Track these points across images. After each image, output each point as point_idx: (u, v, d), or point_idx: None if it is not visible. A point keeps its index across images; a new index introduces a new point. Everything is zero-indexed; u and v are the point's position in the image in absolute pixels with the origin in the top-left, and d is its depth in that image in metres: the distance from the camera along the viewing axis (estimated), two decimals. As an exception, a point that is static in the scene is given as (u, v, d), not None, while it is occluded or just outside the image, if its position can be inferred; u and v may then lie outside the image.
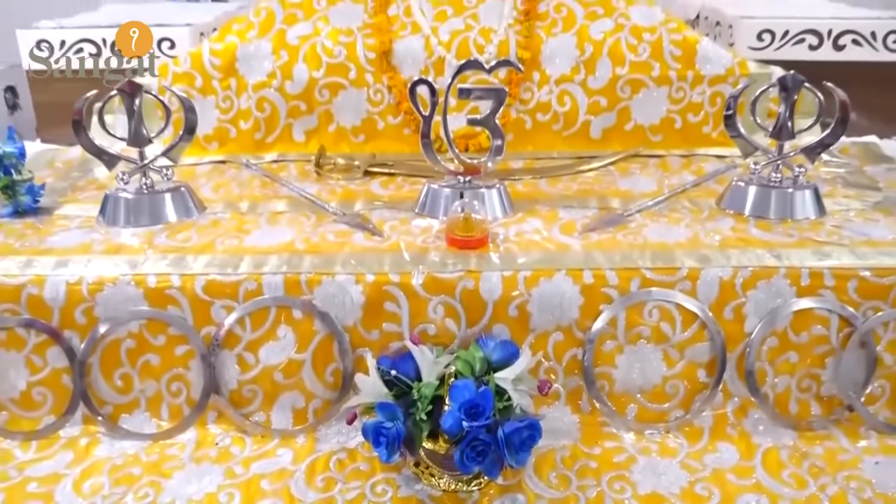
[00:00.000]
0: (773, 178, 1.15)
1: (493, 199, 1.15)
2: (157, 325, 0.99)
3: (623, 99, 1.42)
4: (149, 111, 1.20)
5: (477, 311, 0.99)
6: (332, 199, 1.22)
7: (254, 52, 1.41)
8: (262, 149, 1.44)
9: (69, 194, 1.27)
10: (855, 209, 1.16)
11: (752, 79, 1.38)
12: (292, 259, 1.01)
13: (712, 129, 1.44)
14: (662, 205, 1.17)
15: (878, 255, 1.01)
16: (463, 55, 1.39)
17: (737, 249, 1.03)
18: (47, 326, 0.99)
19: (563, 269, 0.99)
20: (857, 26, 1.54)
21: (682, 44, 1.42)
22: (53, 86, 1.56)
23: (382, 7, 1.45)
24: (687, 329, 1.00)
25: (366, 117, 1.43)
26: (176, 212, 1.15)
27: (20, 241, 1.08)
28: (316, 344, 1.00)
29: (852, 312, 0.99)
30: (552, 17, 1.44)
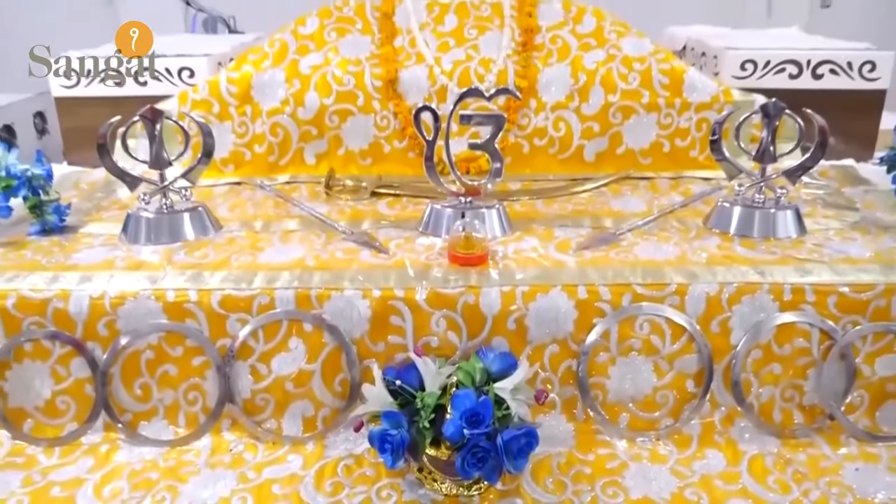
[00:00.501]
0: (756, 200, 1.15)
1: (492, 218, 1.15)
2: (175, 338, 0.99)
3: (615, 125, 1.42)
4: (169, 136, 1.20)
5: (477, 325, 0.99)
6: (341, 219, 1.22)
7: (268, 81, 1.42)
8: (276, 171, 1.44)
9: (93, 214, 1.28)
10: (834, 228, 1.16)
11: (736, 106, 1.39)
12: (303, 275, 1.01)
13: (699, 153, 1.44)
14: (652, 224, 1.18)
15: (856, 271, 1.01)
16: (464, 84, 1.40)
17: (722, 266, 1.03)
18: (71, 338, 0.99)
19: (559, 285, 0.99)
20: (834, 57, 1.54)
21: (669, 73, 1.42)
22: (80, 112, 1.57)
23: (389, 39, 1.46)
24: (676, 342, 0.99)
25: (373, 141, 1.43)
26: (194, 230, 1.15)
27: (47, 258, 1.08)
28: (325, 355, 0.99)
29: (832, 326, 0.99)
30: (548, 48, 1.45)
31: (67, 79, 1.53)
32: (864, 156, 1.54)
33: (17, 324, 0.99)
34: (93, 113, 1.51)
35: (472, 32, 1.48)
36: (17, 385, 1.01)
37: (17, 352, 1.00)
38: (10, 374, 1.01)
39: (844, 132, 1.49)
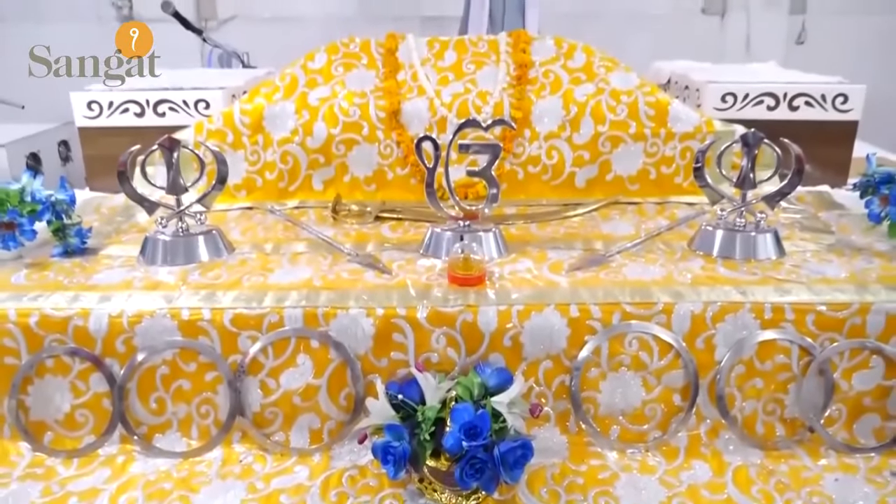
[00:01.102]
0: (737, 223, 1.15)
1: (489, 241, 1.15)
2: (188, 354, 0.99)
3: (604, 153, 1.43)
4: (186, 163, 1.21)
5: (475, 342, 0.98)
6: (347, 242, 1.22)
7: (279, 112, 1.42)
8: (285, 196, 1.44)
9: (113, 237, 1.28)
10: (811, 251, 1.16)
11: (718, 135, 1.39)
12: (311, 294, 1.01)
13: (683, 180, 1.44)
14: (640, 247, 1.17)
15: (833, 291, 1.01)
16: (463, 115, 1.40)
17: (706, 286, 1.02)
18: (90, 354, 0.99)
19: (552, 304, 0.98)
20: (809, 90, 1.55)
21: (655, 105, 1.43)
22: (101, 141, 1.57)
23: (392, 73, 1.47)
24: (663, 358, 0.99)
25: (377, 169, 1.43)
26: (208, 252, 1.15)
27: (69, 278, 1.08)
28: (331, 371, 0.99)
29: (811, 343, 0.99)
30: (541, 81, 1.46)
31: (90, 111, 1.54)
32: (838, 182, 1.54)
33: (40, 341, 0.99)
34: (114, 142, 1.52)
35: (470, 67, 1.49)
36: (39, 399, 1.00)
37: (38, 367, 0.99)
38: (31, 388, 1.00)
39: (819, 160, 1.49)
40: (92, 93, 1.56)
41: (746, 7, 3.82)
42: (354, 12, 3.83)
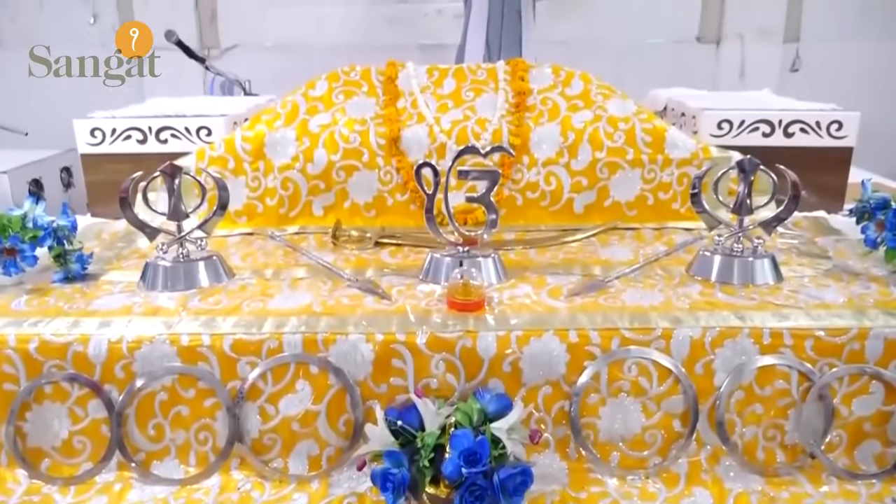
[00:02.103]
0: (735, 249, 1.15)
1: (488, 266, 1.15)
2: (188, 380, 0.98)
3: (602, 179, 1.44)
4: (187, 189, 1.21)
5: (474, 367, 0.98)
6: (347, 267, 1.22)
7: (280, 139, 1.43)
8: (286, 222, 1.44)
9: (114, 262, 1.28)
10: (808, 276, 1.16)
11: (714, 162, 1.40)
12: (310, 320, 1.01)
13: (681, 206, 1.45)
14: (638, 272, 1.17)
15: (831, 316, 1.01)
16: (462, 141, 1.41)
17: (705, 312, 1.02)
18: (89, 381, 0.98)
19: (551, 330, 0.98)
20: (803, 117, 1.56)
21: (652, 132, 1.44)
22: (104, 167, 1.58)
23: (392, 101, 1.48)
24: (662, 383, 0.99)
25: (377, 195, 1.44)
26: (208, 278, 1.15)
27: (69, 304, 1.08)
28: (330, 397, 0.98)
29: (810, 368, 0.98)
30: (539, 109, 1.47)
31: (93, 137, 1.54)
32: (834, 208, 1.55)
33: (39, 367, 0.98)
34: (116, 168, 1.53)
35: (469, 95, 1.50)
36: (37, 425, 0.99)
37: (37, 393, 0.99)
38: (30, 415, 0.99)
39: (815, 186, 1.50)
40: (95, 120, 1.57)
41: (741, 36, 3.87)
42: (354, 41, 3.87)
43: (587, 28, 3.76)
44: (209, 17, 3.92)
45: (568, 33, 3.69)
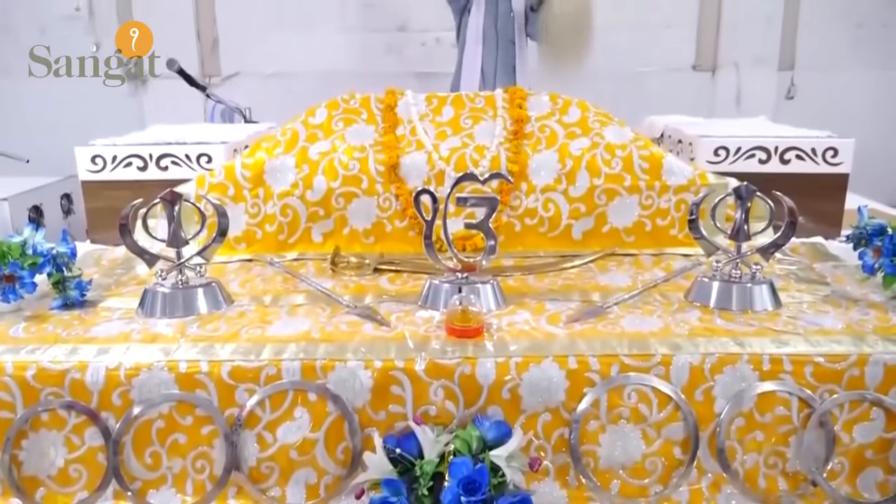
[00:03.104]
0: (733, 275, 1.16)
1: (487, 293, 1.15)
2: (185, 407, 0.98)
3: (600, 205, 1.44)
4: (187, 216, 1.22)
5: (473, 394, 0.97)
6: (345, 293, 1.22)
7: (279, 166, 1.44)
8: (285, 249, 1.45)
9: (113, 289, 1.28)
10: (807, 302, 1.17)
11: (711, 188, 1.41)
12: (309, 347, 1.01)
13: (678, 232, 1.45)
14: (637, 298, 1.18)
15: (830, 342, 1.01)
16: (460, 168, 1.42)
17: (704, 338, 1.02)
18: (86, 408, 0.97)
19: (550, 356, 0.98)
20: (799, 143, 1.58)
21: (649, 158, 1.45)
22: (104, 194, 1.59)
23: (391, 128, 1.49)
24: (662, 410, 0.98)
25: (376, 221, 1.45)
26: (207, 304, 1.15)
27: (67, 331, 1.07)
28: (328, 424, 0.98)
29: (810, 395, 0.98)
30: (537, 136, 1.49)
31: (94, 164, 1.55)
32: (831, 234, 1.56)
33: (36, 394, 0.98)
34: (116, 195, 1.54)
35: (467, 122, 1.51)
36: (33, 454, 0.99)
37: (33, 421, 0.98)
38: (26, 443, 0.98)
39: (812, 212, 1.51)
40: (96, 147, 1.59)
41: (736, 64, 3.92)
42: (354, 69, 3.92)
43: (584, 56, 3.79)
44: (210, 46, 3.97)
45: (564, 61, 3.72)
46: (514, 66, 3.21)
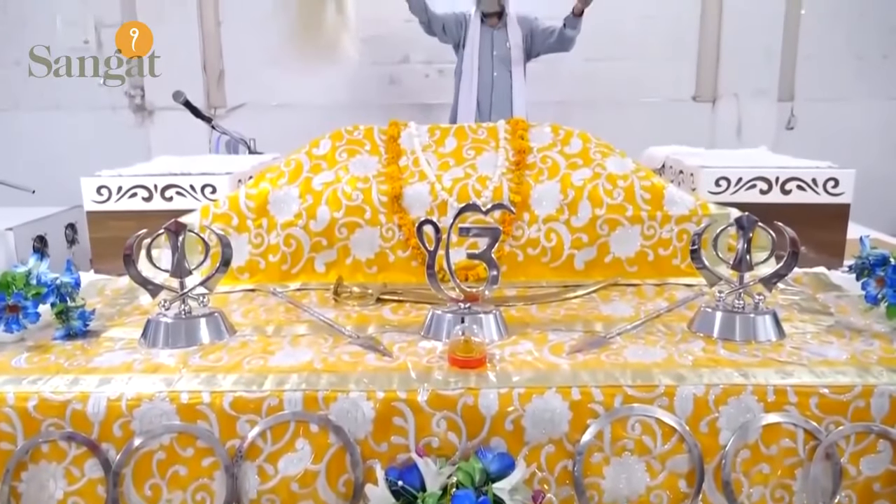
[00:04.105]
0: (736, 305, 1.15)
1: (490, 323, 1.15)
2: (186, 438, 0.97)
3: (602, 236, 1.45)
4: (191, 246, 1.22)
5: (476, 426, 0.97)
6: (348, 324, 1.22)
7: (283, 197, 1.45)
8: (288, 279, 1.45)
9: (116, 319, 1.28)
10: (811, 332, 1.16)
11: (713, 218, 1.42)
12: (311, 377, 1.00)
13: (681, 262, 1.45)
14: (640, 328, 1.17)
15: (835, 373, 1.00)
16: (463, 199, 1.43)
17: (707, 369, 1.02)
18: (87, 439, 0.97)
19: (554, 387, 0.97)
20: (799, 174, 1.59)
21: (651, 189, 1.46)
22: (108, 224, 1.60)
23: (394, 159, 1.51)
24: (667, 442, 0.97)
25: (379, 251, 1.45)
26: (209, 335, 1.15)
27: (69, 361, 1.07)
28: (330, 456, 0.97)
29: (816, 427, 0.97)
30: (539, 167, 1.50)
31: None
32: (833, 264, 1.56)
33: (36, 425, 0.97)
34: (121, 225, 1.55)
35: (469, 153, 1.53)
36: (32, 486, 0.98)
37: (33, 453, 0.97)
38: (25, 475, 0.98)
39: (814, 242, 1.51)
40: (102, 178, 1.60)
41: (736, 95, 3.96)
42: (356, 101, 3.97)
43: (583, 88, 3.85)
44: (216, 78, 4.03)
45: (564, 93, 3.78)
46: (510, 96, 3.25)
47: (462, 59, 3.30)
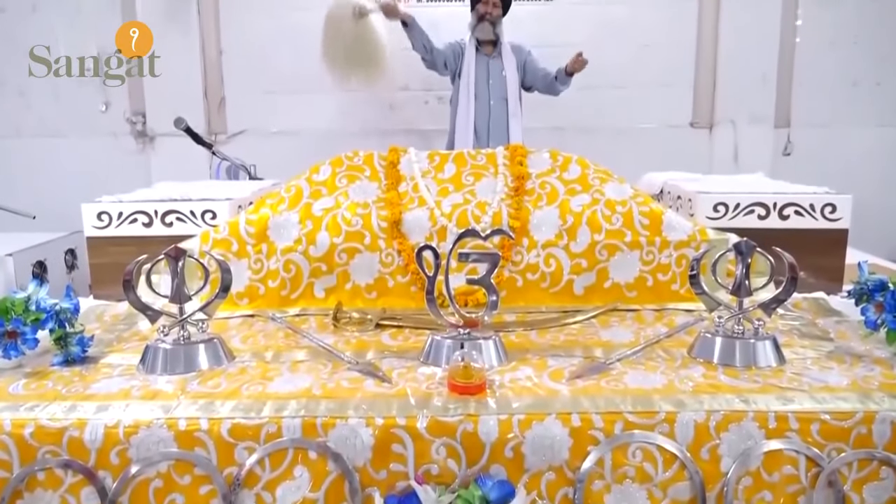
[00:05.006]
0: (736, 330, 1.15)
1: (489, 349, 1.14)
2: (184, 466, 0.96)
3: (601, 261, 1.45)
4: (191, 272, 1.22)
5: (476, 452, 0.96)
6: (347, 349, 1.22)
7: (283, 222, 1.45)
8: (287, 304, 1.45)
9: (114, 345, 1.27)
10: (811, 358, 1.16)
11: (712, 244, 1.42)
12: (310, 404, 1.00)
13: (680, 287, 1.45)
14: (640, 354, 1.17)
15: (836, 399, 1.00)
16: (462, 225, 1.43)
17: (708, 395, 1.01)
18: (83, 467, 0.96)
19: (553, 413, 0.97)
20: (797, 199, 1.59)
21: (649, 214, 1.47)
22: (108, 249, 1.60)
23: (394, 185, 1.51)
24: (668, 469, 0.96)
25: (378, 277, 1.45)
26: (208, 360, 1.14)
27: (67, 388, 1.07)
28: (328, 483, 0.96)
29: (818, 453, 0.96)
30: (538, 192, 1.50)
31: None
32: (832, 289, 1.56)
33: (33, 452, 0.96)
34: (121, 251, 1.55)
35: (469, 179, 1.53)
36: (27, 514, 0.97)
37: (29, 481, 0.96)
38: (20, 503, 0.96)
39: (812, 267, 1.51)
40: (102, 204, 1.60)
41: (733, 122, 3.99)
42: (356, 127, 4.00)
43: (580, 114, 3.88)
44: (217, 105, 4.06)
45: (561, 119, 3.81)
46: (507, 123, 3.28)
47: (458, 87, 3.33)
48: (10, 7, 3.93)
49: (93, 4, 3.72)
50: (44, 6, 3.86)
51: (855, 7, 3.94)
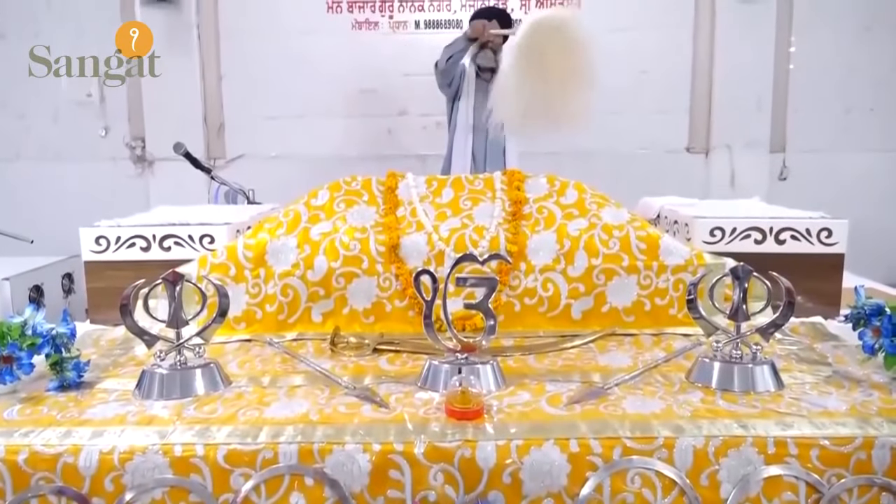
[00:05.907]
0: (734, 355, 1.15)
1: (487, 373, 1.14)
2: (179, 493, 0.95)
3: (599, 285, 1.45)
4: (188, 296, 1.22)
5: (474, 478, 0.95)
6: (345, 374, 1.21)
7: (281, 247, 1.46)
8: (284, 329, 1.45)
9: (110, 370, 1.27)
10: (809, 382, 1.16)
11: (709, 268, 1.43)
12: (306, 429, 0.99)
13: (678, 311, 1.45)
14: (638, 379, 1.17)
15: (835, 425, 1.00)
16: (460, 249, 1.44)
17: (707, 420, 1.01)
18: (77, 494, 0.95)
19: (552, 439, 0.96)
20: (793, 224, 1.60)
21: (646, 239, 1.47)
22: (106, 274, 1.60)
23: (392, 209, 1.52)
24: (667, 495, 0.96)
25: (376, 301, 1.45)
26: (205, 386, 1.14)
27: (62, 413, 1.06)
28: (325, 510, 0.95)
29: (818, 479, 0.96)
30: (535, 217, 1.51)
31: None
32: (829, 313, 1.56)
33: (26, 479, 0.95)
34: (118, 275, 1.54)
35: (466, 203, 1.54)
36: (19, 543, 0.96)
37: (22, 508, 0.96)
38: (13, 531, 0.96)
39: (809, 292, 1.51)
40: (100, 228, 1.61)
41: (729, 146, 4.02)
42: (354, 152, 4.02)
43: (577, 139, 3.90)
44: (217, 129, 4.08)
45: (559, 144, 3.83)
46: (504, 149, 3.30)
47: (457, 111, 3.36)
48: (11, 32, 3.97)
49: (93, 35, 3.75)
50: (45, 33, 3.89)
51: (848, 34, 4.00)
